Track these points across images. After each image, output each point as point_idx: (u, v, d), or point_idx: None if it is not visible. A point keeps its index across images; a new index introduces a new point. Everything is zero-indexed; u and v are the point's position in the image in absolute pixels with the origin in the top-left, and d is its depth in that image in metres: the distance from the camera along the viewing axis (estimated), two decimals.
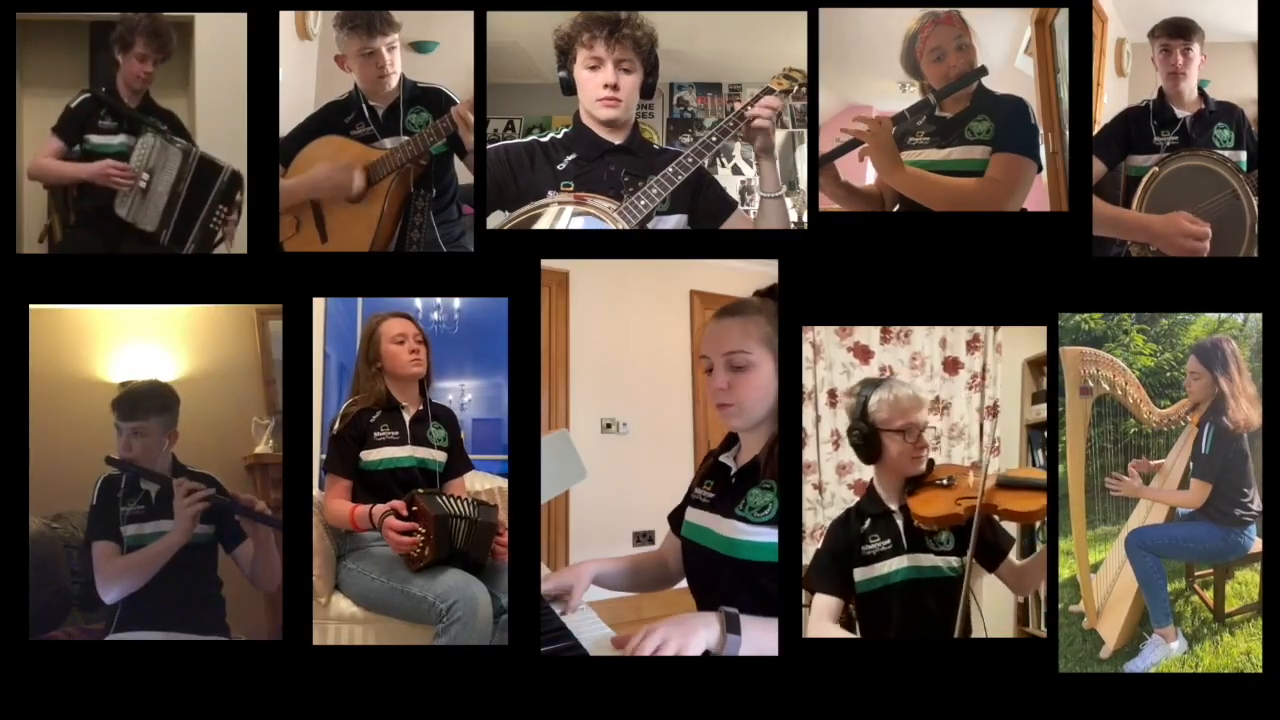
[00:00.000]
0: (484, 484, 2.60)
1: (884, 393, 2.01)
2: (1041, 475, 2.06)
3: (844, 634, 2.02)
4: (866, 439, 2.01)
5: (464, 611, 2.16)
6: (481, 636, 2.15)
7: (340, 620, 2.32)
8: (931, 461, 2.04)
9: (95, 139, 2.30)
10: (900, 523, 1.99)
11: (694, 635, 1.58)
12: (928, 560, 1.97)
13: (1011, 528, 2.11)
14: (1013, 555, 2.05)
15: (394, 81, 2.30)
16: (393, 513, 2.27)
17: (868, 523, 2.01)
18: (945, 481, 2.00)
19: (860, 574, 1.98)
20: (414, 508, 2.27)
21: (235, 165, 2.26)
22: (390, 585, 2.27)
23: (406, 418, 2.44)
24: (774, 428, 1.78)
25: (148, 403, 2.25)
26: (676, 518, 1.92)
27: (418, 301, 2.68)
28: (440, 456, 2.45)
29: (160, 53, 2.29)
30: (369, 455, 2.39)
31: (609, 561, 2.03)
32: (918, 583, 1.96)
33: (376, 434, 2.40)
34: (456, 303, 2.71)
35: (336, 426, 2.41)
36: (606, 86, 2.14)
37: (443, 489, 2.42)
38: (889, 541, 1.98)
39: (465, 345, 2.70)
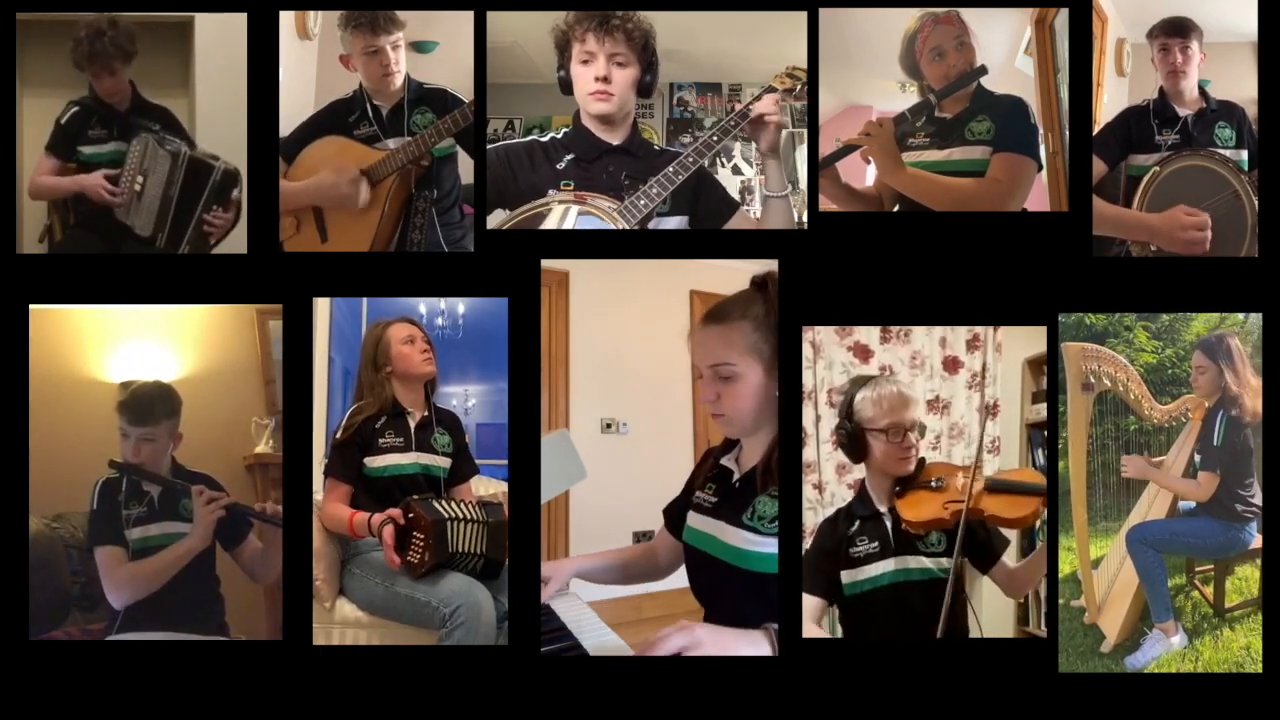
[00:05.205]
0: (489, 489, 2.60)
1: (869, 390, 1.98)
2: (1034, 478, 2.00)
3: (823, 635, 2.01)
4: (851, 438, 1.99)
5: (468, 616, 2.15)
6: (485, 641, 2.15)
7: (345, 624, 2.31)
8: (923, 460, 2.01)
9: (88, 150, 2.29)
10: (889, 524, 1.97)
11: (733, 650, 1.58)
12: (916, 562, 1.95)
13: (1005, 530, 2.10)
14: (1007, 558, 2.02)
15: (398, 81, 2.30)
16: (390, 521, 2.25)
17: (856, 524, 1.99)
18: (935, 484, 1.96)
19: (847, 576, 1.97)
20: (410, 515, 2.26)
21: (230, 162, 2.25)
22: (394, 590, 2.27)
23: (411, 424, 2.43)
24: (774, 432, 1.76)
25: (158, 408, 2.25)
26: (673, 516, 1.91)
27: (422, 306, 2.68)
28: (444, 463, 2.45)
29: (113, 61, 2.24)
30: (373, 462, 2.38)
31: (594, 557, 2.05)
32: (906, 584, 1.95)
33: (381, 441, 2.39)
34: (460, 307, 2.71)
35: (341, 434, 2.40)
36: (598, 79, 2.13)
37: (448, 494, 2.41)
38: (876, 544, 1.96)
39: (469, 350, 2.70)
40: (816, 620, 2.00)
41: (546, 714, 2.09)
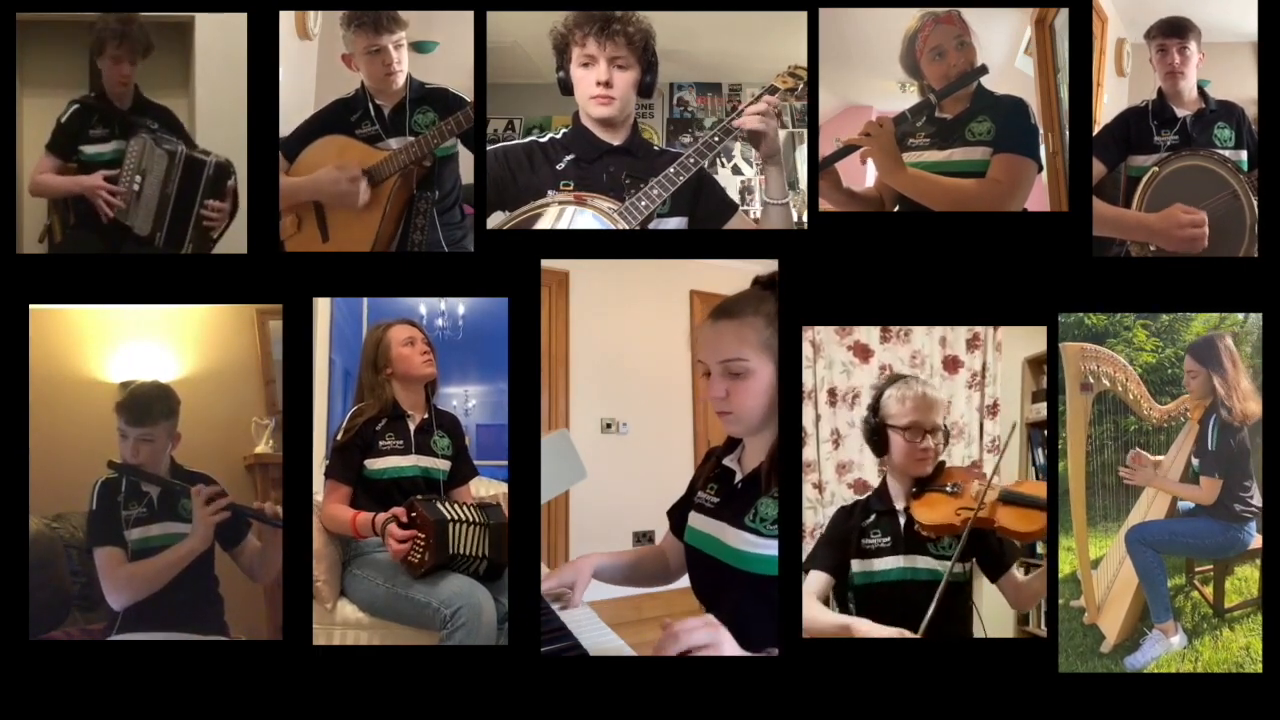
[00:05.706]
0: (489, 490, 2.60)
1: (898, 389, 2.03)
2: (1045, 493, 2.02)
3: (828, 612, 2.01)
4: (875, 431, 2.05)
5: (469, 617, 2.15)
6: (486, 642, 2.15)
7: (345, 625, 2.31)
8: (942, 464, 2.04)
9: (88, 150, 2.28)
10: (903, 523, 2.00)
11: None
12: (924, 562, 1.98)
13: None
14: (1016, 569, 2.05)
15: (400, 80, 2.30)
16: (394, 519, 2.26)
17: (872, 518, 2.02)
18: (951, 488, 1.99)
19: (857, 566, 1.99)
20: (413, 514, 2.26)
21: (221, 154, 2.26)
22: (395, 591, 2.27)
23: (411, 426, 2.42)
24: (777, 431, 1.76)
25: (156, 408, 2.25)
26: (677, 517, 1.91)
27: (422, 306, 2.68)
28: (444, 465, 2.44)
29: (136, 53, 2.26)
30: (373, 464, 2.38)
31: (610, 555, 2.04)
32: (912, 584, 1.96)
33: (381, 443, 2.39)
34: (460, 308, 2.71)
35: (341, 435, 2.40)
36: (599, 84, 2.13)
37: (448, 496, 2.41)
38: (889, 539, 1.99)
39: (469, 351, 2.70)
40: (822, 597, 2.00)
41: (546, 714, 2.10)
